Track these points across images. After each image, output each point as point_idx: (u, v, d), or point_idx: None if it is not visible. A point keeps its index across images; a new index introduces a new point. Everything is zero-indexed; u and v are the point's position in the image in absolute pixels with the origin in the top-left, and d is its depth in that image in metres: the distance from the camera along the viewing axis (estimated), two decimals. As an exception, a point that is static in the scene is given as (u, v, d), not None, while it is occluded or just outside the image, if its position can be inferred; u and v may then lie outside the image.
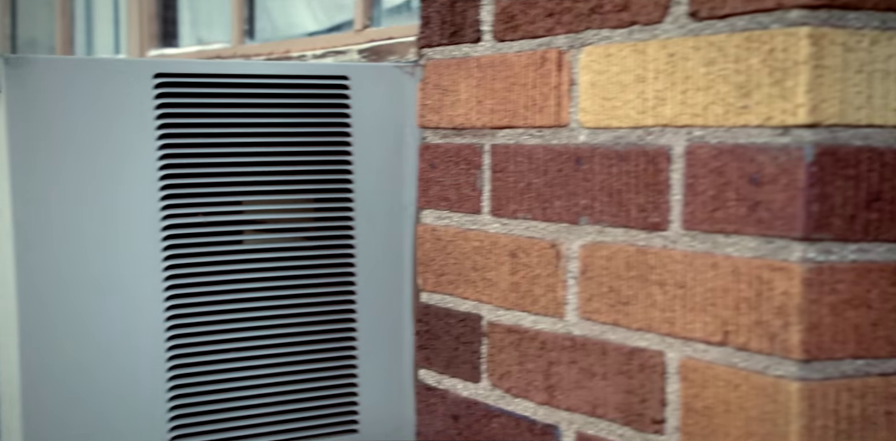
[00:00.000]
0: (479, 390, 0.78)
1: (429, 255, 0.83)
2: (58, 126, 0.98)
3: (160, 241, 1.03)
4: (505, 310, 0.76)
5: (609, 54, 0.66)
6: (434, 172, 0.82)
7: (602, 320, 0.67)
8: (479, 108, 0.77)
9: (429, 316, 0.83)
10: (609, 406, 0.67)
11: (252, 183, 1.07)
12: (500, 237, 0.75)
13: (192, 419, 1.05)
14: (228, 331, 1.07)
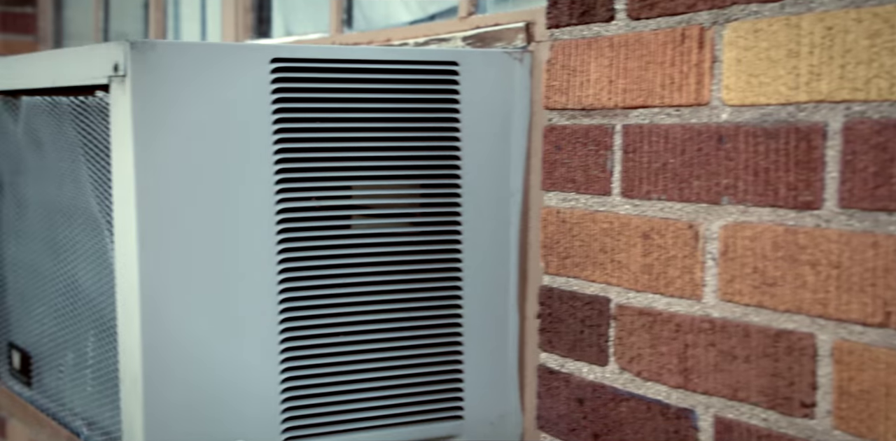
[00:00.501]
0: (606, 374, 0.77)
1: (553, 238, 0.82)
2: (179, 110, 0.99)
3: (274, 225, 1.03)
4: (636, 292, 0.74)
5: (757, 30, 0.64)
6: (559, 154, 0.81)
7: (745, 302, 0.66)
8: (611, 88, 0.76)
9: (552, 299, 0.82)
10: (752, 389, 0.65)
11: (362, 168, 1.07)
12: (632, 218, 0.74)
13: (302, 401, 1.06)
14: (338, 315, 1.07)
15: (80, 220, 1.14)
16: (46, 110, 1.17)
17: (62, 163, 1.16)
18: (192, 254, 1.00)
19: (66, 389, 1.21)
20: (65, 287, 1.20)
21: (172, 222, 0.99)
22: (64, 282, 1.20)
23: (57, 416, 1.21)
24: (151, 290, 0.99)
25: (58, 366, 1.23)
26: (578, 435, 0.79)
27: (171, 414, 1.00)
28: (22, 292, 1.31)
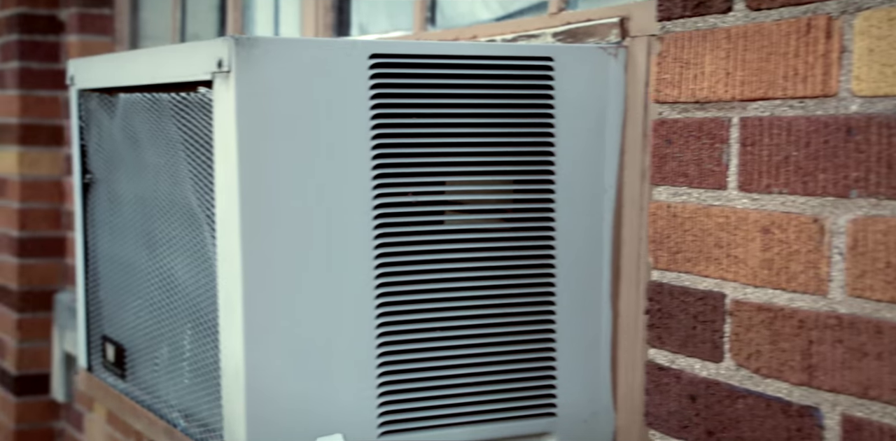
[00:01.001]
0: (720, 370, 0.76)
1: (662, 233, 0.81)
2: (281, 105, 1.00)
3: (372, 219, 1.04)
4: (754, 288, 0.73)
5: (892, 18, 0.63)
6: (670, 148, 0.80)
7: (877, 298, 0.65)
8: (727, 80, 0.75)
9: (661, 295, 0.81)
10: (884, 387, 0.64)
11: (457, 163, 1.07)
12: (750, 213, 0.73)
13: (398, 395, 1.06)
14: (433, 310, 1.07)
15: (178, 215, 1.16)
16: (145, 107, 1.19)
17: (160, 158, 1.18)
18: (292, 248, 1.01)
19: (161, 382, 1.23)
20: (160, 281, 1.22)
21: (274, 217, 1.00)
22: (160, 276, 1.22)
23: (152, 407, 1.23)
24: (253, 283, 1.00)
25: (153, 358, 1.25)
26: (690, 432, 0.78)
27: (271, 406, 1.01)
28: (116, 286, 1.34)
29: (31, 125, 2.39)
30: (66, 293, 2.41)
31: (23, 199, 2.39)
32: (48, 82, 2.40)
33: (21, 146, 2.38)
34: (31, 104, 2.38)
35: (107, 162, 1.34)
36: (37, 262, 2.42)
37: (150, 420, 1.21)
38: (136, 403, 1.26)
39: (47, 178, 2.41)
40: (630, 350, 1.12)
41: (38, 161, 2.40)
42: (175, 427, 1.16)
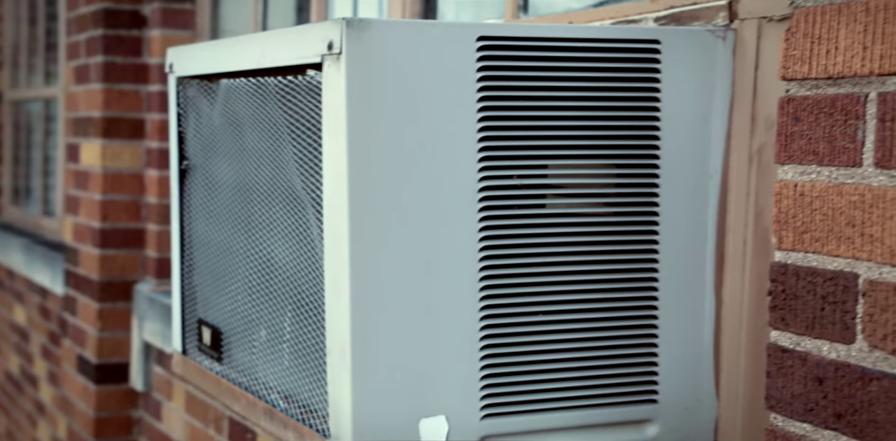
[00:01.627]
0: (851, 352, 0.75)
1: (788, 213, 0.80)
2: (389, 88, 1.00)
3: (477, 202, 1.04)
4: (891, 267, 0.72)
5: None
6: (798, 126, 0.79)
7: None
8: (864, 54, 0.73)
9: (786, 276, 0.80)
10: None
11: (561, 147, 1.07)
12: (888, 190, 0.72)
13: (500, 379, 1.06)
14: (535, 293, 1.07)
15: (280, 198, 1.17)
16: (249, 92, 1.21)
17: (262, 143, 1.19)
18: (398, 230, 1.01)
19: (259, 364, 1.24)
20: (259, 265, 1.23)
21: (381, 199, 1.01)
22: (259, 260, 1.23)
23: (250, 389, 1.25)
24: (360, 264, 1.00)
25: (250, 341, 1.26)
26: (817, 415, 0.77)
27: (376, 386, 1.01)
28: (213, 271, 1.36)
29: (114, 118, 2.43)
30: (146, 284, 2.45)
31: (105, 191, 2.44)
32: (131, 76, 2.44)
33: (104, 139, 2.43)
34: (114, 98, 2.43)
35: (204, 148, 1.36)
36: (117, 253, 2.46)
37: (250, 401, 1.23)
38: (234, 385, 1.27)
39: (128, 170, 2.46)
40: (734, 338, 1.11)
41: (120, 154, 2.45)
42: (275, 407, 1.17)
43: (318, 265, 1.09)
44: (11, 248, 3.51)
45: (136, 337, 2.44)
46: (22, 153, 3.98)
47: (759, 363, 1.07)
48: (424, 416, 1.03)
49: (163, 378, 2.36)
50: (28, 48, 3.86)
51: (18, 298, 3.53)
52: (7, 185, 4.10)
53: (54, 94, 3.48)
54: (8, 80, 4.09)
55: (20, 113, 3.99)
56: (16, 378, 3.55)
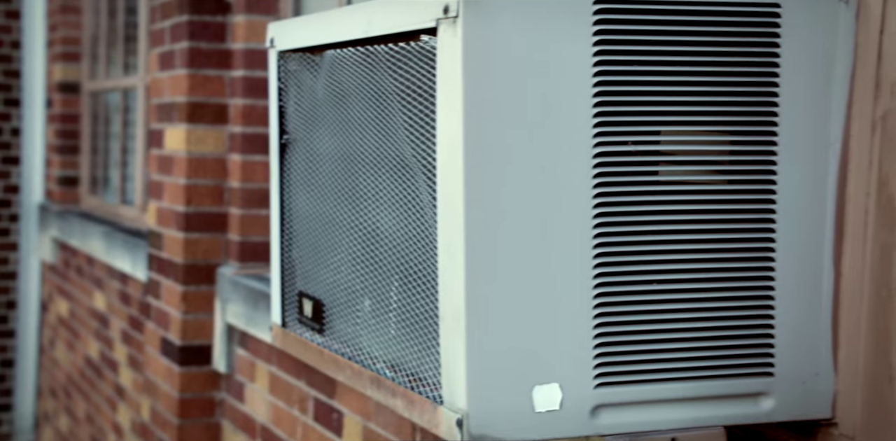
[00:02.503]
0: None
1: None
2: (505, 52, 0.99)
3: (591, 168, 1.03)
4: None
5: None
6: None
7: None
8: None
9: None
10: None
11: (677, 113, 1.05)
12: None
13: (613, 348, 1.05)
14: (649, 262, 1.05)
15: (387, 167, 1.17)
16: (356, 61, 1.21)
17: (369, 112, 1.19)
18: (513, 196, 1.00)
19: (363, 334, 1.24)
20: (364, 235, 1.23)
21: (497, 166, 1.00)
22: (363, 230, 1.24)
23: (354, 359, 1.25)
24: (474, 231, 1.00)
25: (354, 312, 1.27)
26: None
27: (490, 353, 1.00)
28: (314, 243, 1.36)
29: (199, 103, 2.46)
30: (229, 267, 2.48)
31: (189, 176, 2.47)
32: (215, 62, 2.47)
33: (189, 124, 2.46)
34: (198, 83, 2.46)
35: (305, 121, 1.37)
36: (201, 237, 2.49)
37: (355, 371, 1.23)
38: (337, 355, 1.27)
39: (212, 155, 2.49)
40: (854, 311, 1.08)
41: (204, 138, 2.48)
42: (383, 376, 1.17)
43: (427, 232, 1.08)
44: (92, 235, 3.58)
45: (219, 319, 2.47)
46: (100, 143, 4.06)
47: (880, 339, 1.04)
48: (538, 384, 1.02)
49: (246, 360, 2.38)
50: (107, 40, 3.93)
51: (98, 285, 3.60)
52: (85, 175, 4.18)
53: (133, 83, 3.54)
54: (86, 71, 4.18)
55: (98, 104, 4.07)
56: (95, 363, 3.62)
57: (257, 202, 2.47)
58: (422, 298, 1.10)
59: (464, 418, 1.00)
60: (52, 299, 4.30)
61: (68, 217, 3.94)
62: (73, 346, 3.97)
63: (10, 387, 4.52)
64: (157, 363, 2.66)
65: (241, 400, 2.43)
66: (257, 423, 2.33)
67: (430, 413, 1.06)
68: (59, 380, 4.16)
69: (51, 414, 4.30)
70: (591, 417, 1.03)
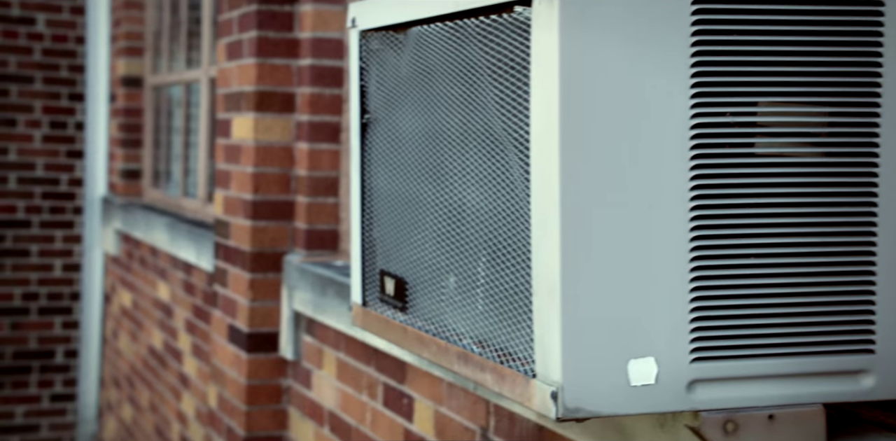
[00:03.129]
0: None
1: None
2: (600, 20, 0.98)
3: (689, 140, 1.01)
4: None
5: None
6: None
7: None
8: None
9: None
10: None
11: (775, 83, 1.03)
12: None
13: (710, 322, 1.03)
14: (747, 236, 1.04)
15: (475, 143, 1.16)
16: (444, 37, 1.20)
17: (456, 88, 1.19)
18: (608, 169, 0.99)
19: (447, 312, 1.24)
20: (449, 212, 1.23)
21: (592, 138, 0.99)
22: (448, 207, 1.23)
23: (439, 336, 1.24)
24: (570, 203, 0.99)
25: (438, 289, 1.26)
26: None
27: (585, 326, 0.99)
28: (396, 222, 1.36)
29: (266, 92, 2.48)
30: (296, 255, 2.50)
31: (256, 164, 2.49)
32: (282, 51, 2.49)
33: (256, 113, 2.48)
34: (266, 72, 2.48)
35: (387, 100, 1.37)
36: (268, 225, 2.51)
37: (441, 347, 1.23)
38: (422, 332, 1.27)
39: (279, 143, 2.51)
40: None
41: (272, 127, 2.50)
42: (471, 352, 1.17)
43: (518, 207, 1.08)
44: (155, 226, 3.63)
45: (286, 307, 2.48)
46: (162, 137, 4.12)
47: None
48: (633, 358, 1.01)
49: (313, 347, 2.40)
50: (169, 35, 3.99)
51: (162, 275, 3.65)
52: (147, 168, 4.24)
53: (196, 76, 3.59)
54: (149, 66, 4.24)
55: (160, 98, 4.13)
56: (159, 353, 3.67)
57: (324, 190, 2.49)
58: (511, 273, 1.10)
59: (558, 391, 0.99)
60: (115, 290, 4.37)
61: (131, 209, 4.00)
62: (136, 336, 4.03)
63: (74, 377, 4.61)
64: (224, 350, 2.69)
65: (308, 387, 2.44)
66: (325, 410, 2.34)
67: (523, 387, 1.05)
68: (123, 370, 4.23)
69: (114, 403, 4.37)
70: (687, 392, 1.02)
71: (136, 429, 3.98)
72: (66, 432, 4.60)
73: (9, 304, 4.47)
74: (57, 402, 4.56)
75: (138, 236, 3.89)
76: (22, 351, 4.50)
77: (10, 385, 4.48)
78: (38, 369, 4.53)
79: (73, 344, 4.60)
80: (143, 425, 3.87)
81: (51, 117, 4.53)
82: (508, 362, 1.10)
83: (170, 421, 3.51)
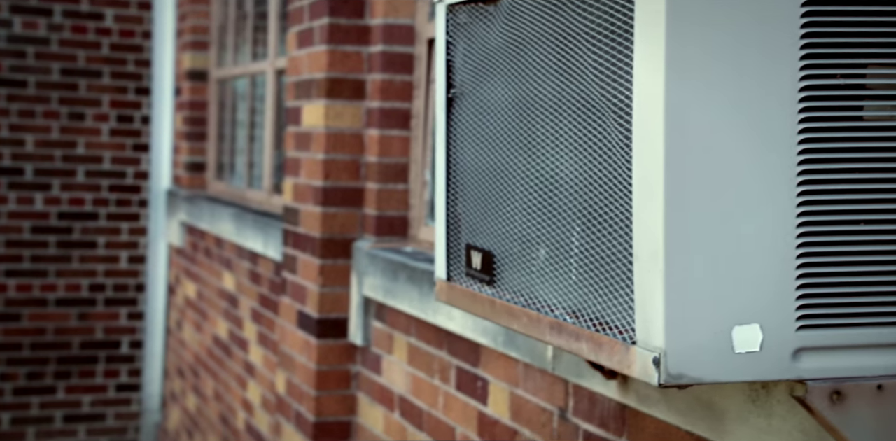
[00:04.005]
0: None
1: None
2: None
3: (797, 103, 0.99)
4: None
5: None
6: None
7: None
8: None
9: None
10: None
11: (885, 45, 1.00)
12: None
13: (817, 290, 1.01)
14: (855, 201, 1.01)
15: (569, 111, 1.15)
16: (538, 5, 1.19)
17: (550, 56, 1.18)
18: (714, 132, 0.98)
19: (538, 283, 1.23)
20: (540, 182, 1.22)
21: (698, 100, 0.97)
22: (539, 177, 1.22)
23: (529, 308, 1.24)
24: (674, 168, 0.97)
25: (527, 261, 1.25)
26: None
27: (689, 291, 0.98)
28: (483, 196, 1.36)
29: (337, 79, 2.50)
30: (365, 241, 2.51)
31: (327, 151, 2.51)
32: (353, 38, 2.50)
33: (328, 99, 2.50)
34: (337, 59, 2.49)
35: (475, 73, 1.36)
36: (338, 211, 2.53)
37: (532, 318, 1.22)
38: (511, 304, 1.26)
39: (349, 130, 2.52)
40: None
41: (342, 114, 2.51)
42: (564, 321, 1.16)
43: (616, 173, 1.06)
44: (221, 217, 3.67)
45: (356, 293, 2.49)
46: (226, 130, 4.17)
47: None
48: (738, 324, 0.99)
49: (383, 332, 2.40)
50: (235, 28, 4.03)
51: (227, 266, 3.69)
52: (212, 160, 4.30)
53: (261, 68, 3.62)
54: (214, 59, 4.29)
55: (224, 91, 4.18)
56: (224, 342, 3.71)
57: (394, 176, 2.49)
58: (608, 241, 1.09)
59: (661, 357, 0.98)
60: (179, 282, 4.43)
61: (196, 201, 4.06)
62: (200, 326, 4.08)
63: (139, 367, 4.68)
64: (293, 336, 2.71)
65: (377, 372, 2.45)
66: (395, 395, 2.34)
67: (622, 354, 1.04)
68: (187, 360, 4.28)
69: (178, 393, 4.43)
70: (792, 361, 1.00)
71: (201, 418, 4.03)
72: (132, 422, 4.68)
73: (77, 295, 4.56)
74: (122, 392, 4.64)
75: (203, 227, 3.94)
76: (89, 341, 4.59)
77: (78, 374, 4.56)
78: (104, 359, 4.61)
79: (138, 335, 4.68)
80: (208, 414, 3.92)
81: (118, 111, 4.61)
82: (605, 331, 1.09)
83: (235, 409, 3.54)
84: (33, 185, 4.49)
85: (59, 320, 4.53)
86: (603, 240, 1.10)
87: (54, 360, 4.52)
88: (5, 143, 4.45)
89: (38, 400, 4.51)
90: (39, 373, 4.51)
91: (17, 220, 4.48)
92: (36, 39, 4.46)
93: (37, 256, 4.50)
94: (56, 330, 4.52)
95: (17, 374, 4.49)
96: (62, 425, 4.55)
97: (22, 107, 4.45)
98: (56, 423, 4.54)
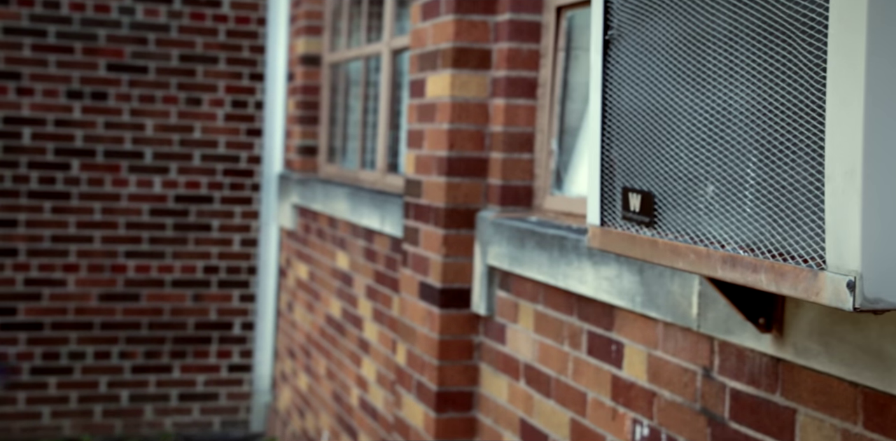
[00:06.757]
0: None
1: None
2: None
3: None
4: None
5: None
6: None
7: None
8: None
9: None
10: None
11: None
12: None
13: None
14: None
15: (747, 39, 1.12)
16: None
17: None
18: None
19: (704, 220, 1.20)
20: (710, 117, 1.19)
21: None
22: (709, 112, 1.19)
23: (697, 245, 1.21)
24: (874, 80, 0.94)
25: (691, 200, 1.23)
26: None
27: (887, 210, 0.94)
28: (641, 138, 1.33)
29: (463, 49, 2.50)
30: (489, 211, 2.50)
31: (452, 120, 2.51)
32: (480, 7, 2.50)
33: (454, 69, 2.50)
34: (464, 29, 2.49)
35: (634, 13, 1.34)
36: (461, 181, 2.53)
37: (700, 254, 1.19)
38: (676, 243, 1.24)
39: (474, 100, 2.52)
40: None
41: (468, 84, 2.51)
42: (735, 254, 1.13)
43: (803, 96, 1.03)
44: (336, 197, 3.72)
45: (479, 263, 2.49)
46: (338, 114, 4.22)
47: None
48: (938, 248, 0.94)
49: (507, 301, 2.39)
50: (348, 12, 4.08)
51: (341, 245, 3.73)
52: (323, 144, 4.36)
53: (378, 49, 3.66)
54: (327, 44, 4.35)
55: (337, 75, 4.24)
56: (337, 321, 3.76)
57: (519, 146, 2.48)
58: (789, 169, 1.05)
59: (856, 280, 0.94)
60: (290, 264, 4.51)
61: (309, 183, 4.12)
62: (312, 306, 4.14)
63: (250, 348, 4.77)
64: (415, 307, 2.72)
65: (501, 342, 2.44)
66: (520, 363, 2.33)
67: (809, 281, 1.00)
68: (298, 340, 4.35)
69: (288, 374, 4.50)
70: None
71: (313, 397, 4.08)
72: (243, 402, 4.78)
73: (192, 277, 4.67)
74: (234, 373, 4.74)
75: (317, 208, 4.00)
76: (203, 322, 4.70)
77: (193, 354, 4.68)
78: (217, 340, 4.72)
79: (251, 316, 4.77)
80: (320, 393, 3.97)
81: (233, 96, 4.71)
82: (788, 261, 1.05)
83: (349, 386, 3.58)
84: (152, 169, 4.63)
85: (175, 301, 4.65)
86: (784, 168, 1.06)
87: (170, 339, 4.65)
88: (126, 128, 4.60)
89: (155, 378, 4.64)
90: (156, 352, 4.64)
91: (136, 203, 4.62)
92: (157, 26, 4.60)
93: (155, 238, 4.64)
94: (172, 310, 4.65)
95: (136, 353, 4.63)
96: (178, 404, 4.67)
97: (142, 92, 4.59)
98: (172, 401, 4.66)
